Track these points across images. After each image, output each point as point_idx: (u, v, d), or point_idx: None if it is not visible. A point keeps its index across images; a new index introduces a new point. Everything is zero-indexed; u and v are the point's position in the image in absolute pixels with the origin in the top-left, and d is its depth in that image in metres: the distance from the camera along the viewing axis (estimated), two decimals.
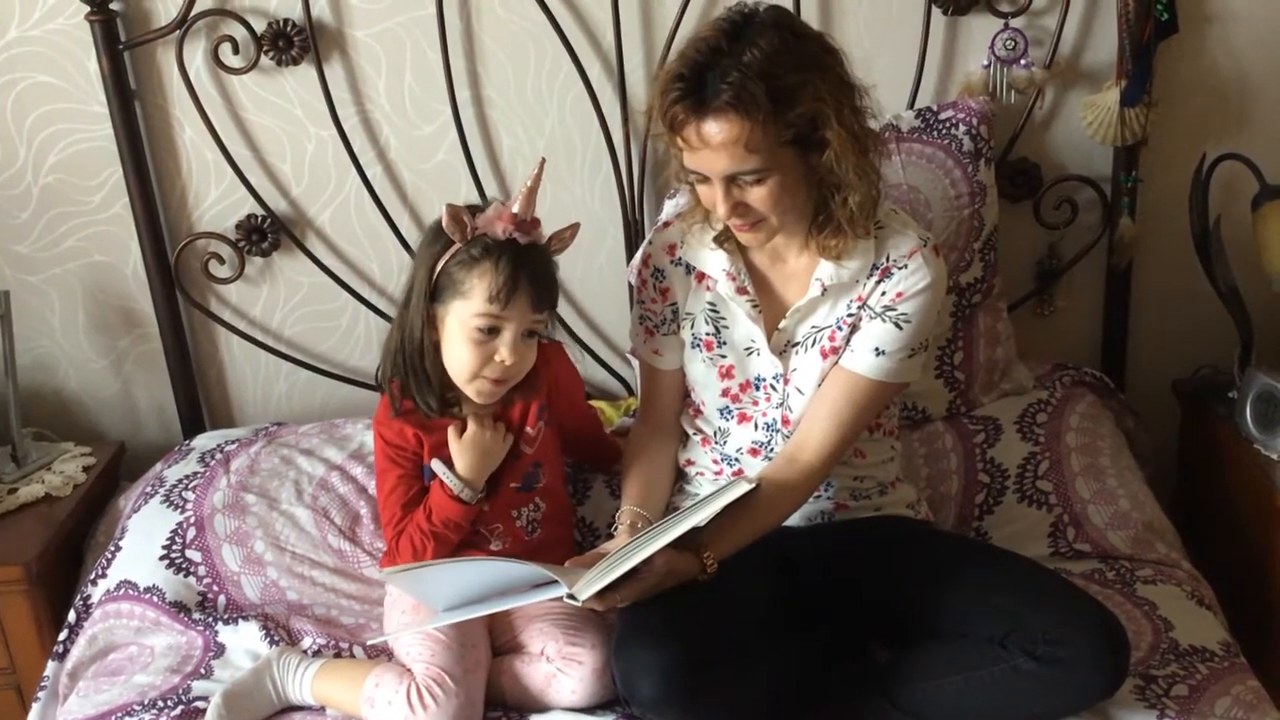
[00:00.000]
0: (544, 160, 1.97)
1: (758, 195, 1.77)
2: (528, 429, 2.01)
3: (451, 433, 1.97)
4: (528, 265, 1.88)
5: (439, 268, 1.90)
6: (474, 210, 1.90)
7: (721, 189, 1.78)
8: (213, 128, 2.41)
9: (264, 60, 2.38)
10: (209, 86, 2.41)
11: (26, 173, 2.47)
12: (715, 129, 1.72)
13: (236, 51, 2.37)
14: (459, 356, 1.91)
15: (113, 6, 2.33)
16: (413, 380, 1.95)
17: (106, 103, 2.38)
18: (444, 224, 1.87)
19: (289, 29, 2.35)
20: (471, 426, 1.97)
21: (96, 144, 2.44)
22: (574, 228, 1.96)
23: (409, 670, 1.87)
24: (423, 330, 1.92)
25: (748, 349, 1.96)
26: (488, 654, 1.94)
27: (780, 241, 1.91)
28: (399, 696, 1.83)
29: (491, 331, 1.89)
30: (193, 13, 2.33)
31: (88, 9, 2.31)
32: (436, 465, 1.97)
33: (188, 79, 2.38)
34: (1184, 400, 2.54)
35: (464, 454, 1.96)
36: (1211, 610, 2.05)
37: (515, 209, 1.89)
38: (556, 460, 2.10)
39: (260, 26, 2.36)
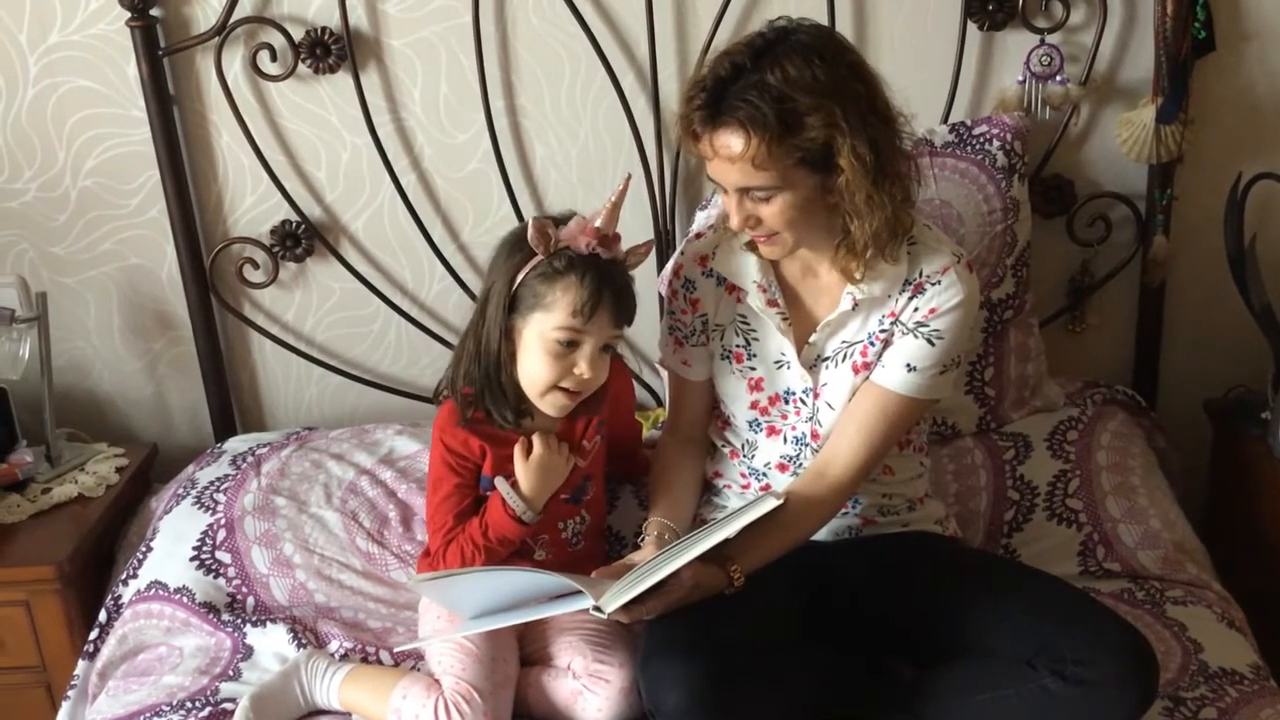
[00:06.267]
0: (630, 176, 1.97)
1: (768, 211, 1.79)
2: (584, 442, 2.00)
3: (518, 452, 1.94)
4: (610, 281, 1.87)
5: (519, 279, 1.88)
6: (556, 223, 1.88)
7: (735, 201, 1.80)
8: (249, 134, 2.43)
9: (301, 68, 2.40)
10: (246, 93, 2.43)
11: (65, 176, 2.49)
12: (723, 142, 1.74)
13: (274, 59, 2.39)
14: (536, 369, 1.89)
15: (153, 13, 2.36)
16: (488, 392, 1.93)
17: (145, 108, 2.41)
18: (529, 236, 1.85)
19: (326, 37, 2.37)
20: (538, 447, 1.94)
21: (134, 148, 2.47)
22: (649, 244, 1.96)
23: (437, 683, 1.87)
24: (500, 342, 1.90)
25: (777, 362, 1.96)
26: (517, 667, 1.94)
27: (811, 256, 1.91)
28: (426, 710, 1.83)
29: (571, 345, 1.87)
30: (232, 20, 2.36)
31: (128, 15, 2.33)
32: (500, 484, 1.94)
33: (226, 85, 2.40)
34: (1216, 420, 2.52)
35: (530, 475, 1.94)
36: (1241, 632, 2.04)
37: (599, 224, 1.88)
38: (602, 473, 2.10)
39: (298, 34, 2.38)
